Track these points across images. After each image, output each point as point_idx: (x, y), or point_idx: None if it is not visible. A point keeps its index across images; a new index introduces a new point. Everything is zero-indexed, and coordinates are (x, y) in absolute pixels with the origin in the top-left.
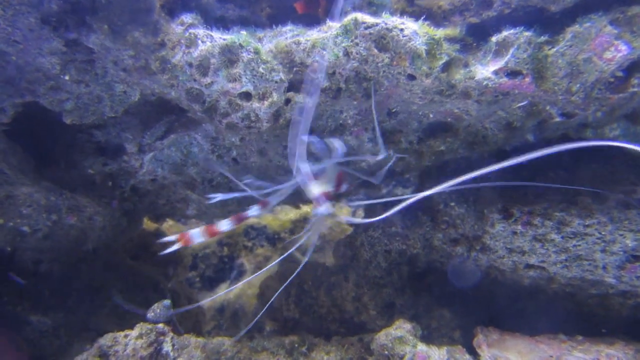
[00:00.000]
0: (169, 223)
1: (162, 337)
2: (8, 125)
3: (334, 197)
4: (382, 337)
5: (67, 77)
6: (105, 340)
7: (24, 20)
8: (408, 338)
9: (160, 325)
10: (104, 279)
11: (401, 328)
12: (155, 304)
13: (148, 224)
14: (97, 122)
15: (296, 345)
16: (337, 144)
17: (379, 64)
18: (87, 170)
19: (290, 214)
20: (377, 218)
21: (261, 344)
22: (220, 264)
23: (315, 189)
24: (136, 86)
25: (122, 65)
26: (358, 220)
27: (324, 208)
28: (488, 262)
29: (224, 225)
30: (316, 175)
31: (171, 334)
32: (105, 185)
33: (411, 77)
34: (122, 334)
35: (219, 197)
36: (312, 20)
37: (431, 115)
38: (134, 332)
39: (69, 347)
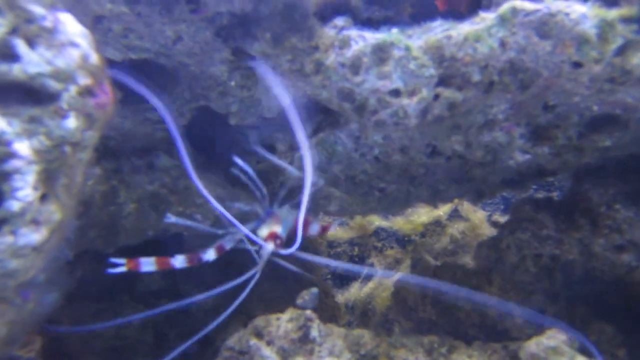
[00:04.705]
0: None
1: (309, 323)
2: (184, 127)
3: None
4: (533, 346)
5: (233, 83)
6: (260, 321)
7: (202, 34)
8: (564, 349)
9: (308, 312)
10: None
11: (554, 338)
12: (304, 291)
13: None
14: (254, 124)
15: (435, 345)
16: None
17: (539, 53)
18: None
19: (423, 216)
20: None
21: (400, 340)
22: (351, 263)
23: (264, 231)
24: (292, 88)
25: (279, 69)
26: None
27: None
28: None
29: (178, 261)
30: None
31: (317, 321)
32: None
33: (577, 65)
34: (274, 316)
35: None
36: (454, 16)
37: (595, 107)
38: (285, 316)
39: (226, 326)
